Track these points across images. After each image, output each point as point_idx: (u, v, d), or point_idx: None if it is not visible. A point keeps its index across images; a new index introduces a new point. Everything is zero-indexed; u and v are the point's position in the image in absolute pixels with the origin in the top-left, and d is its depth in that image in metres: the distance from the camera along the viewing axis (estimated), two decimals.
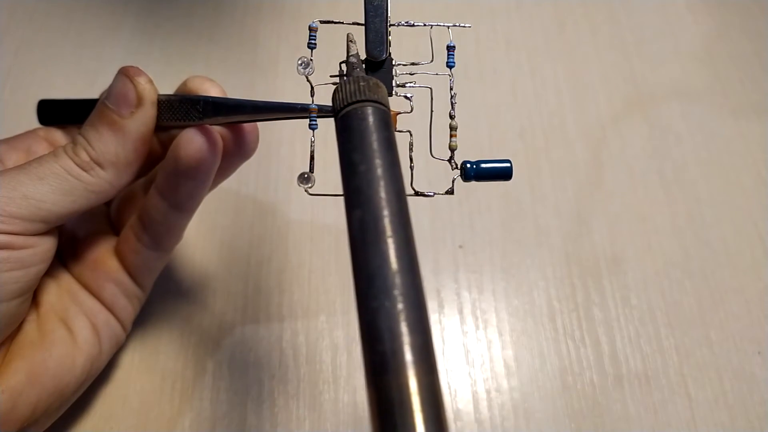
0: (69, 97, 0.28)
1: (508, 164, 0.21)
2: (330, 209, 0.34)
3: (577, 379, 0.30)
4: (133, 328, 0.28)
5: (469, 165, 0.21)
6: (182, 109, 0.23)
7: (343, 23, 0.22)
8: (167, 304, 0.31)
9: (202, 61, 0.39)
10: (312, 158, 0.21)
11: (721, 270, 0.33)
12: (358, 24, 0.21)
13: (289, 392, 0.29)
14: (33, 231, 0.22)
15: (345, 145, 0.17)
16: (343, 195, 0.17)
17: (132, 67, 0.23)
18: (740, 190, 0.36)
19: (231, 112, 0.22)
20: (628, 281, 0.33)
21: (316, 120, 0.21)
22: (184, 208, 0.25)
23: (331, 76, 0.21)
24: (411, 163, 0.22)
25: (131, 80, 0.23)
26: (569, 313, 0.32)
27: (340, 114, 0.18)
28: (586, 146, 0.37)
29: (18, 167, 0.22)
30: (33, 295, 0.24)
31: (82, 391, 0.26)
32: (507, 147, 0.37)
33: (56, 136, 0.27)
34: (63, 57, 0.39)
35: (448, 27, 0.22)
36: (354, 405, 0.29)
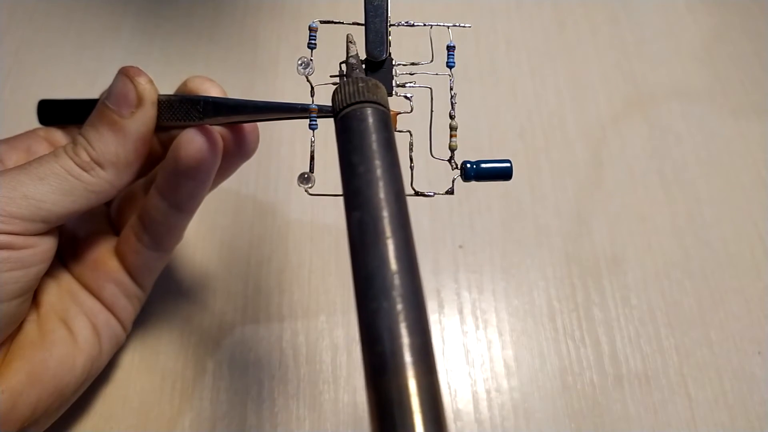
0: (69, 97, 0.28)
1: (508, 164, 0.21)
2: (330, 209, 0.34)
3: (577, 379, 0.30)
4: (133, 328, 0.28)
5: (469, 165, 0.21)
6: (182, 109, 0.23)
7: (343, 23, 0.22)
8: (167, 304, 0.31)
9: (202, 61, 0.39)
10: (312, 158, 0.21)
11: (721, 270, 0.33)
12: (358, 24, 0.21)
13: (289, 392, 0.29)
14: (33, 231, 0.22)
15: (344, 147, 0.17)
16: (342, 195, 0.17)
17: (132, 67, 0.23)
18: (740, 190, 0.36)
19: (231, 112, 0.22)
20: (628, 281, 0.33)
21: (316, 120, 0.21)
22: (184, 209, 0.25)
23: (331, 76, 0.21)
24: (411, 163, 0.22)
25: (131, 80, 0.23)
26: (569, 313, 0.32)
27: (339, 115, 0.18)
28: (586, 146, 0.37)
29: (18, 167, 0.22)
30: (33, 295, 0.24)
31: (82, 391, 0.26)
32: (507, 147, 0.37)
33: (56, 136, 0.27)
34: (63, 57, 0.39)
35: (448, 27, 0.22)
36: (354, 405, 0.29)
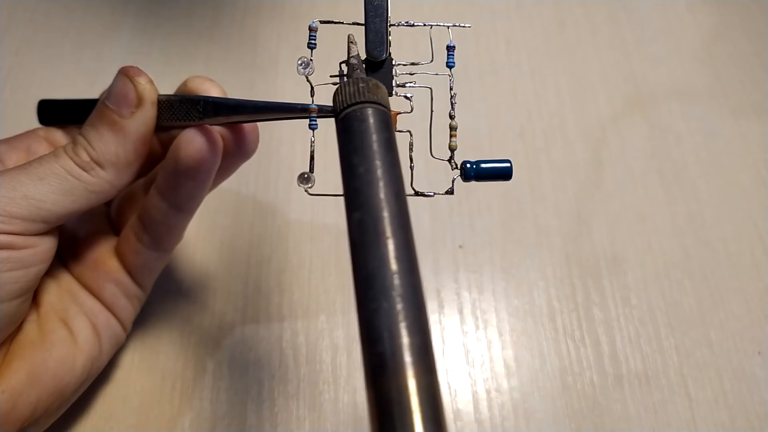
0: (69, 97, 0.28)
1: (508, 164, 0.21)
2: (330, 209, 0.34)
3: (577, 379, 0.30)
4: (133, 328, 0.28)
5: (469, 165, 0.21)
6: (182, 109, 0.23)
7: (343, 23, 0.22)
8: (167, 304, 0.31)
9: (202, 61, 0.39)
10: (312, 158, 0.21)
11: (721, 270, 0.33)
12: (358, 24, 0.21)
13: (289, 392, 0.29)
14: (33, 231, 0.22)
15: (345, 147, 0.17)
16: (343, 195, 0.17)
17: (132, 67, 0.23)
18: (740, 190, 0.36)
19: (231, 112, 0.22)
20: (628, 281, 0.33)
21: (316, 120, 0.21)
22: (184, 209, 0.25)
23: (331, 76, 0.21)
24: (411, 163, 0.22)
25: (131, 80, 0.23)
26: (569, 313, 0.32)
27: (340, 115, 0.18)
28: (586, 146, 0.37)
29: (18, 167, 0.22)
30: (33, 295, 0.24)
31: (82, 391, 0.26)
32: (507, 147, 0.37)
33: (56, 136, 0.27)
34: (63, 57, 0.39)
35: (448, 27, 0.22)
36: (354, 405, 0.29)
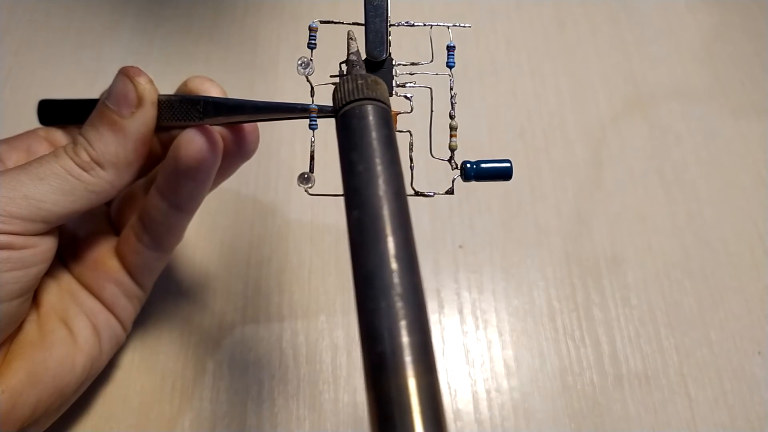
0: (69, 97, 0.28)
1: (508, 164, 0.21)
2: (330, 209, 0.34)
3: (577, 379, 0.30)
4: (133, 328, 0.28)
5: (469, 165, 0.21)
6: (182, 109, 0.23)
7: (343, 23, 0.22)
8: (167, 304, 0.31)
9: (202, 61, 0.39)
10: (312, 158, 0.21)
11: (721, 270, 0.33)
12: (358, 24, 0.21)
13: (289, 392, 0.29)
14: (33, 231, 0.22)
15: (344, 145, 0.17)
16: (343, 195, 0.17)
17: (132, 67, 0.23)
18: (740, 190, 0.36)
19: (231, 113, 0.22)
20: (628, 281, 0.33)
21: (316, 120, 0.21)
22: (184, 209, 0.25)
23: (331, 76, 0.21)
24: (411, 163, 0.22)
25: (131, 80, 0.23)
26: (569, 313, 0.32)
27: (339, 113, 0.18)
28: (586, 146, 0.37)
29: (18, 167, 0.22)
30: (33, 295, 0.24)
31: (82, 391, 0.26)
32: (507, 147, 0.37)
33: (57, 136, 0.27)
34: (63, 57, 0.39)
35: (448, 27, 0.22)
36: (354, 405, 0.29)
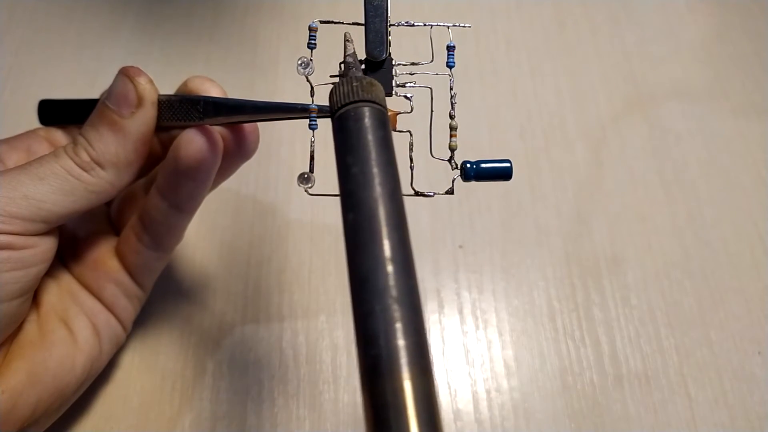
0: (69, 97, 0.28)
1: (508, 164, 0.21)
2: (330, 209, 0.34)
3: (577, 379, 0.30)
4: (133, 328, 0.28)
5: (469, 165, 0.21)
6: (182, 109, 0.23)
7: (343, 23, 0.22)
8: (167, 304, 0.31)
9: (202, 61, 0.39)
10: (312, 158, 0.21)
11: (721, 270, 0.33)
12: (358, 24, 0.21)
13: (289, 392, 0.29)
14: (33, 231, 0.22)
15: (340, 147, 0.17)
16: (339, 196, 0.17)
17: (132, 67, 0.23)
18: (740, 190, 0.36)
19: (231, 113, 0.22)
20: (628, 281, 0.33)
21: (316, 120, 0.21)
22: (184, 209, 0.25)
23: (331, 76, 0.21)
24: (411, 163, 0.22)
25: (131, 80, 0.23)
26: (569, 313, 0.32)
27: (335, 115, 0.18)
28: (586, 146, 0.37)
29: (18, 167, 0.22)
30: (33, 295, 0.24)
31: (82, 391, 0.26)
32: (507, 147, 0.37)
33: (57, 136, 0.27)
34: (63, 57, 0.39)
35: (448, 27, 0.22)
36: (354, 405, 0.29)
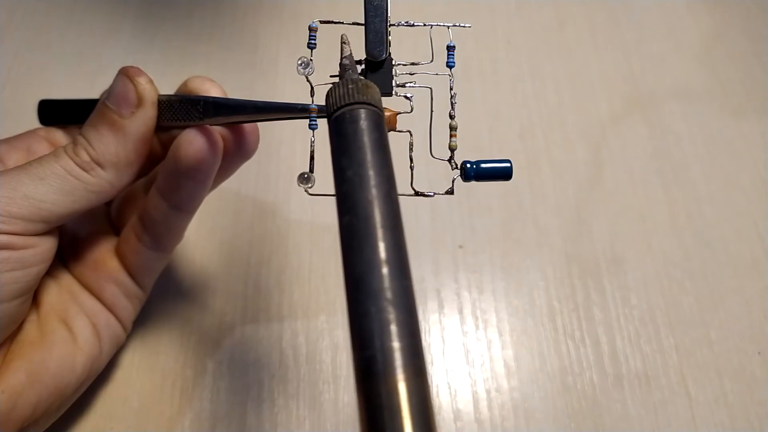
0: (69, 97, 0.28)
1: (508, 164, 0.21)
2: (330, 209, 0.34)
3: (577, 379, 0.30)
4: (133, 328, 0.28)
5: (469, 165, 0.21)
6: (183, 109, 0.23)
7: (343, 23, 0.22)
8: (167, 304, 0.31)
9: (202, 61, 0.39)
10: (312, 158, 0.21)
11: (721, 270, 0.33)
12: (358, 24, 0.21)
13: (289, 392, 0.29)
14: (33, 231, 0.22)
15: (335, 150, 0.17)
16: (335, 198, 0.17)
17: (132, 67, 0.23)
18: (740, 190, 0.36)
19: (231, 113, 0.22)
20: (628, 281, 0.33)
21: (316, 120, 0.21)
22: (184, 209, 0.25)
23: (331, 76, 0.21)
24: (411, 163, 0.22)
25: (131, 80, 0.23)
26: (569, 313, 0.32)
27: (331, 118, 0.18)
28: (586, 146, 0.37)
29: (18, 167, 0.22)
30: (33, 295, 0.24)
31: (82, 391, 0.26)
32: (507, 147, 0.37)
33: (57, 136, 0.27)
34: (63, 57, 0.39)
35: (448, 27, 0.22)
36: (354, 405, 0.29)
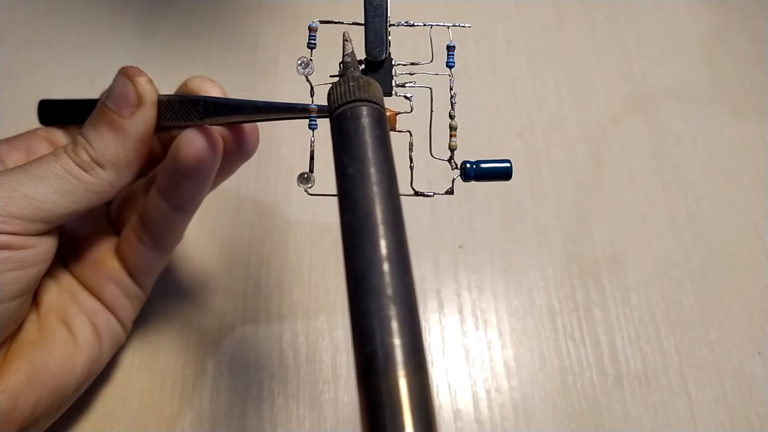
0: (69, 97, 0.28)
1: (508, 164, 0.21)
2: (330, 209, 0.34)
3: (577, 379, 0.30)
4: (133, 328, 0.28)
5: (469, 165, 0.21)
6: (182, 109, 0.23)
7: (343, 23, 0.22)
8: (167, 304, 0.31)
9: (202, 61, 0.39)
10: (312, 158, 0.21)
11: (721, 270, 0.33)
12: (358, 24, 0.21)
13: (289, 392, 0.29)
14: (34, 231, 0.22)
15: (337, 147, 0.17)
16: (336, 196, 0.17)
17: (132, 67, 0.23)
18: (740, 190, 0.36)
19: (231, 113, 0.22)
20: (628, 281, 0.33)
21: (315, 120, 0.21)
22: (184, 209, 0.25)
23: (331, 76, 0.21)
24: (411, 163, 0.22)
25: (131, 80, 0.23)
26: (569, 313, 0.32)
27: (333, 115, 0.18)
28: (586, 146, 0.37)
29: (19, 167, 0.22)
30: (33, 295, 0.24)
31: (82, 391, 0.26)
32: (507, 147, 0.37)
33: (57, 136, 0.27)
34: (63, 57, 0.39)
35: (448, 27, 0.22)
36: (354, 405, 0.29)
